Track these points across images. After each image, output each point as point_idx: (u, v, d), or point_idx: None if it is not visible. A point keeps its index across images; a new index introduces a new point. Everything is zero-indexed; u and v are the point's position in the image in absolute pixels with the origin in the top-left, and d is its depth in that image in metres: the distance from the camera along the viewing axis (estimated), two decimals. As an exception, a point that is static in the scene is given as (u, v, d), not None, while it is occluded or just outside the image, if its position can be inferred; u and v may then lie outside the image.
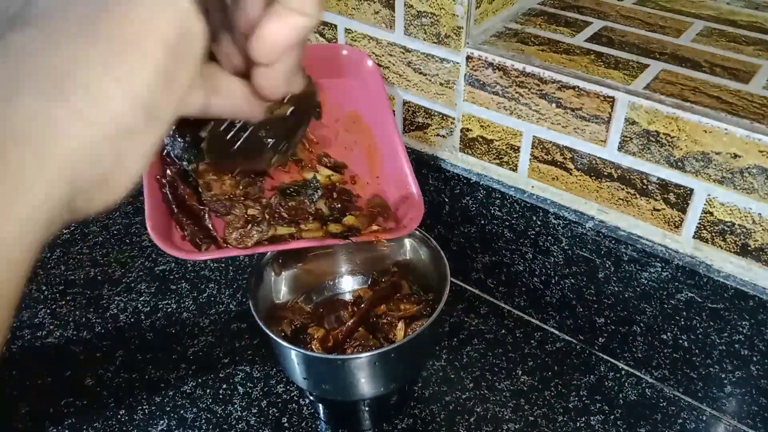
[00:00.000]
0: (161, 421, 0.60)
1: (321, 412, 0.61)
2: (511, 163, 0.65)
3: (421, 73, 0.67)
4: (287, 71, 0.27)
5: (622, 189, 0.59)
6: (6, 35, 0.19)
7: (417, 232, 0.60)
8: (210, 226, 0.49)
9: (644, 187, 0.57)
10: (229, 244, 0.49)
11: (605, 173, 0.59)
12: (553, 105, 0.59)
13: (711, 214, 0.54)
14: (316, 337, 0.57)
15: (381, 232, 0.54)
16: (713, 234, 0.55)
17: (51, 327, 0.70)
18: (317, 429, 0.60)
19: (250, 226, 0.50)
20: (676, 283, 0.58)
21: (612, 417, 0.60)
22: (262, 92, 0.27)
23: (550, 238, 0.64)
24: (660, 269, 0.58)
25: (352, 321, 0.56)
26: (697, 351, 0.59)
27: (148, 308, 0.72)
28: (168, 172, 0.50)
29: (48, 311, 0.72)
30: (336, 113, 0.62)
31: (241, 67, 0.27)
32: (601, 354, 0.66)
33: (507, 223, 0.67)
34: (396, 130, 0.61)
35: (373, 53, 0.69)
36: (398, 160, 0.59)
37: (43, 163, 0.18)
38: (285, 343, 0.51)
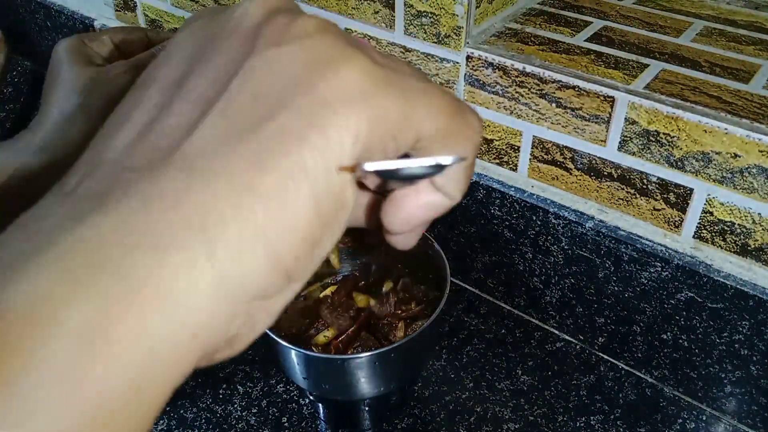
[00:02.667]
0: (161, 421, 0.60)
1: (321, 412, 0.61)
2: (511, 162, 0.65)
3: (421, 72, 0.67)
4: (418, 234, 0.25)
5: (622, 189, 0.59)
6: (158, 173, 0.17)
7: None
8: None
9: (644, 186, 0.57)
10: None
11: (605, 173, 0.59)
12: (553, 105, 0.59)
13: (711, 213, 0.54)
14: (318, 343, 0.57)
15: None
16: (713, 234, 0.55)
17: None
18: (317, 429, 0.60)
19: None
20: (676, 283, 0.58)
21: (612, 417, 0.60)
22: (393, 246, 0.25)
23: (550, 237, 0.64)
24: (660, 269, 0.58)
25: (351, 330, 0.56)
26: (697, 351, 0.59)
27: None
28: None
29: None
30: None
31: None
32: (601, 354, 0.66)
33: (507, 223, 0.67)
34: None
35: (373, 53, 0.69)
36: None
37: (174, 332, 0.16)
38: (285, 343, 0.51)
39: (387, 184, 0.24)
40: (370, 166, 0.19)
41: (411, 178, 0.20)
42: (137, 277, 0.16)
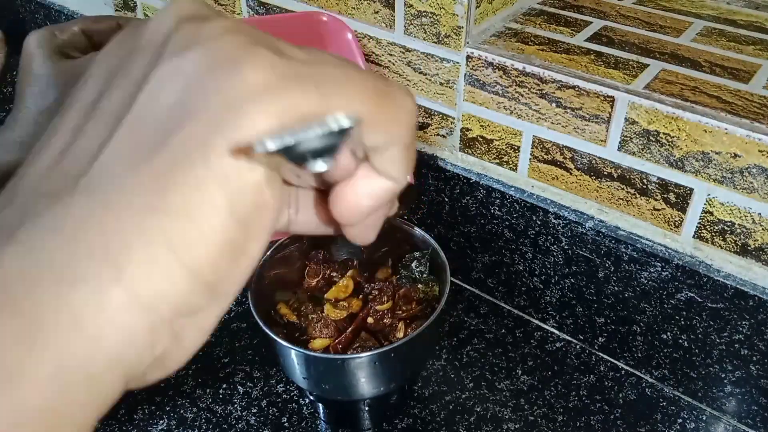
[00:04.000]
0: (161, 421, 0.60)
1: (321, 412, 0.61)
2: (511, 162, 0.65)
3: (421, 72, 0.67)
4: (375, 226, 0.24)
5: (622, 189, 0.59)
6: (64, 199, 0.17)
7: (417, 232, 0.60)
8: None
9: (644, 186, 0.57)
10: None
11: (605, 173, 0.59)
12: (553, 105, 0.59)
13: (711, 213, 0.54)
14: (316, 346, 0.57)
15: None
16: (713, 234, 0.55)
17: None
18: (317, 429, 0.60)
19: None
20: (676, 283, 0.58)
21: (612, 417, 0.60)
22: (353, 241, 0.25)
23: (550, 237, 0.64)
24: (660, 269, 0.58)
25: (349, 330, 0.56)
26: (697, 351, 0.59)
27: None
28: None
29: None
30: None
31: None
32: (601, 354, 0.66)
33: (507, 223, 0.67)
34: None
35: (373, 53, 0.69)
36: None
37: (89, 359, 0.16)
38: (285, 343, 0.51)
39: (314, 177, 0.24)
40: (262, 146, 0.17)
41: (322, 155, 0.18)
42: (39, 314, 0.16)
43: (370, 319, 0.56)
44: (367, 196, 0.22)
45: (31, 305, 0.16)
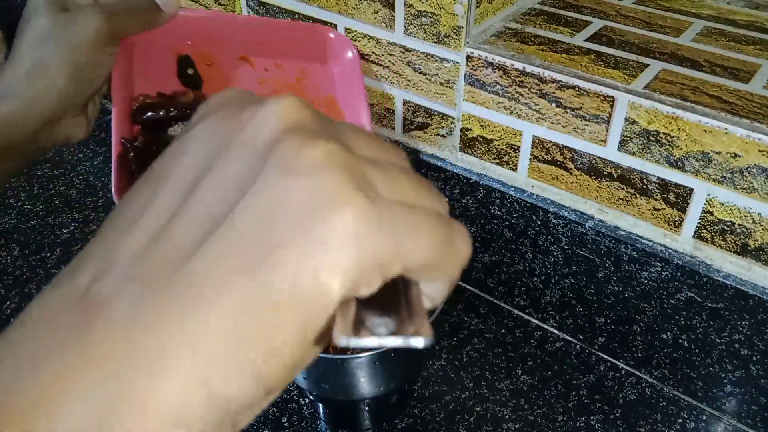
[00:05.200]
0: (161, 421, 0.60)
1: (321, 411, 0.61)
2: (511, 162, 0.65)
3: (421, 72, 0.67)
4: None
5: (622, 189, 0.59)
6: (162, 291, 0.19)
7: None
8: None
9: (644, 186, 0.57)
10: None
11: (605, 173, 0.59)
12: (553, 105, 0.59)
13: (711, 213, 0.54)
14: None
15: None
16: (713, 234, 0.55)
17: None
18: (317, 429, 0.60)
19: None
20: (676, 283, 0.58)
21: (612, 417, 0.60)
22: None
23: (549, 237, 0.64)
24: (660, 269, 0.58)
25: None
26: (697, 351, 0.59)
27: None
28: (139, 136, 0.53)
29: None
30: (312, 95, 0.65)
31: None
32: (600, 354, 0.66)
33: (507, 223, 0.67)
34: (368, 122, 0.63)
35: (373, 53, 0.69)
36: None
37: None
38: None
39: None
40: (344, 341, 0.20)
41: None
42: (127, 393, 0.18)
43: None
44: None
45: (122, 382, 0.18)
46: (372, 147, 0.23)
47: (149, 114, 0.56)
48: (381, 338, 0.21)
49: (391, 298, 0.24)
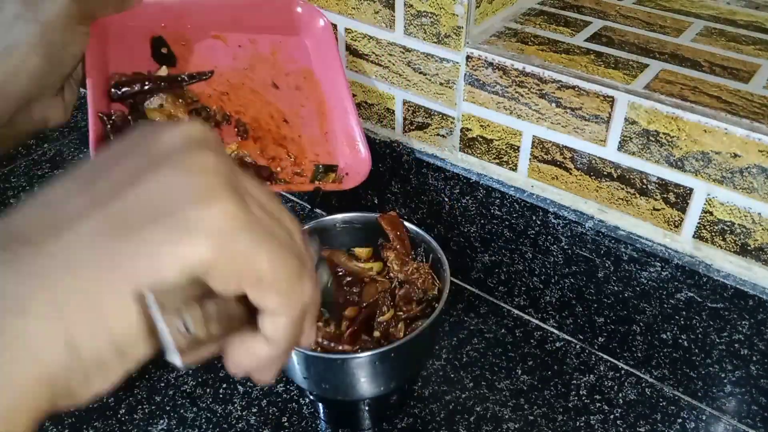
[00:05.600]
0: (161, 421, 0.60)
1: (321, 411, 0.61)
2: (510, 162, 0.65)
3: (421, 72, 0.67)
4: (269, 373, 0.28)
5: (622, 189, 0.59)
6: (17, 250, 0.23)
7: (418, 231, 0.60)
8: None
9: (644, 186, 0.57)
10: None
11: (605, 173, 0.59)
12: (553, 105, 0.59)
13: (711, 213, 0.55)
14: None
15: (322, 184, 0.60)
16: (713, 234, 0.55)
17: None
18: (317, 429, 0.60)
19: None
20: (676, 283, 0.58)
21: (611, 416, 0.60)
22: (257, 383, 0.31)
23: (549, 237, 0.64)
24: (660, 269, 0.58)
25: (347, 335, 0.56)
26: (696, 351, 0.59)
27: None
28: (113, 111, 0.56)
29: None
30: (288, 68, 0.67)
31: None
32: (600, 354, 0.66)
33: (507, 223, 0.67)
34: (347, 90, 0.64)
35: (373, 53, 0.69)
36: (348, 118, 0.64)
37: (28, 371, 0.22)
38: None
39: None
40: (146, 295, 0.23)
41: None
42: (6, 336, 0.21)
43: (376, 333, 0.56)
44: (246, 356, 0.27)
45: (2, 327, 0.21)
46: (264, 195, 0.27)
47: (125, 90, 0.57)
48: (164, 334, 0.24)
49: (236, 317, 0.26)
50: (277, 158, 0.63)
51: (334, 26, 0.70)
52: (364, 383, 0.53)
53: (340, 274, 0.61)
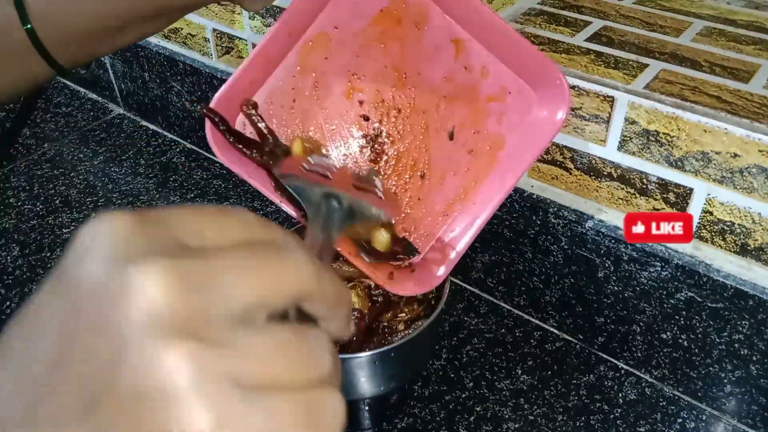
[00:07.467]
0: None
1: (321, 411, 0.61)
2: (510, 162, 0.65)
3: (420, 72, 0.67)
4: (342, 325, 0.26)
5: (622, 188, 0.59)
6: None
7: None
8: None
9: (644, 186, 0.57)
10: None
11: (605, 173, 0.59)
12: (553, 105, 0.59)
13: (711, 213, 0.54)
14: None
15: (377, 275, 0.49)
16: (713, 233, 0.55)
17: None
18: (317, 429, 0.60)
19: None
20: (676, 283, 0.58)
21: (612, 416, 0.60)
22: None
23: (549, 237, 0.64)
24: (660, 269, 0.58)
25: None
26: (696, 350, 0.59)
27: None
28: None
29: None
30: (484, 125, 0.53)
31: None
32: (600, 353, 0.66)
33: (507, 223, 0.67)
34: (508, 189, 0.51)
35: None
36: (471, 228, 0.53)
37: None
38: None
39: None
40: None
41: None
42: None
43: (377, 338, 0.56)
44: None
45: None
46: (207, 222, 0.22)
47: (256, 124, 0.50)
48: None
49: None
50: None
51: None
52: (364, 383, 0.53)
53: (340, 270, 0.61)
